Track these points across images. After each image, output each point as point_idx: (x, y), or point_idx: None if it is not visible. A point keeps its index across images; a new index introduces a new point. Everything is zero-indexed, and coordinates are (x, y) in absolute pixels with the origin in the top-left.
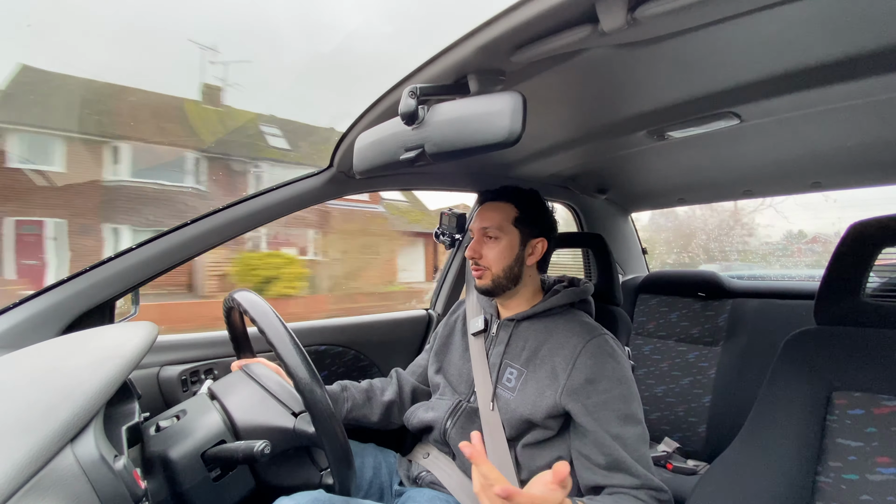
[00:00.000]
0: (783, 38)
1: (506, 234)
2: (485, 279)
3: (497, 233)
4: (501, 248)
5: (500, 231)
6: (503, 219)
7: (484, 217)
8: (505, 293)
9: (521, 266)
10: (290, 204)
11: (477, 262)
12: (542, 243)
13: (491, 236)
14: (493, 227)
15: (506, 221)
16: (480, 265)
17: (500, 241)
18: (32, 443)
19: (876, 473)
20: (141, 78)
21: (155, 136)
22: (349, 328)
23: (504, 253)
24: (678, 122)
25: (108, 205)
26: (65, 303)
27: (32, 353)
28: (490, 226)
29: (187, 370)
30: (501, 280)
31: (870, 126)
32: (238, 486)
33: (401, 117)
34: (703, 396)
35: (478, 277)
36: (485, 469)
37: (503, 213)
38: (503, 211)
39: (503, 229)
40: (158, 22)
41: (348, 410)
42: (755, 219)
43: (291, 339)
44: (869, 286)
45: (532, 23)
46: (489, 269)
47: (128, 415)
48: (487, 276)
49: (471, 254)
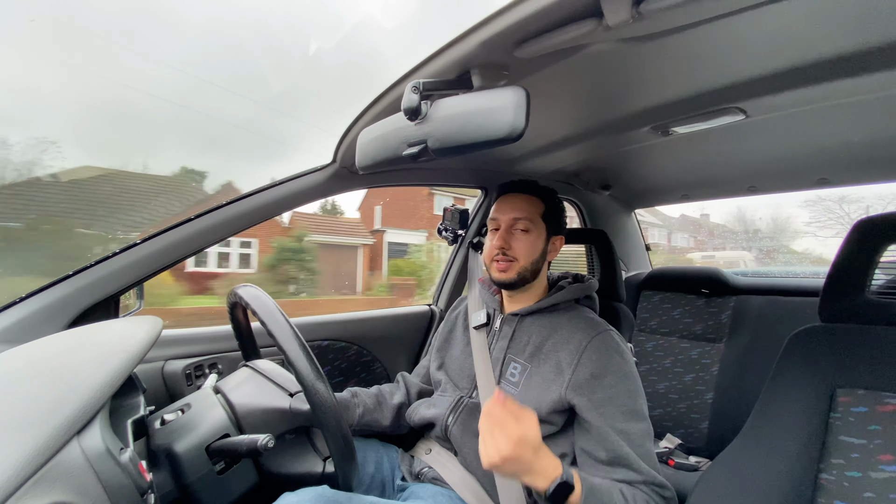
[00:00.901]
0: (789, 33)
1: (536, 227)
2: (510, 272)
3: (529, 224)
4: (532, 241)
5: (531, 223)
6: (535, 212)
7: (516, 208)
8: (522, 287)
9: (543, 261)
10: (293, 199)
11: (505, 253)
12: (561, 241)
13: (523, 228)
14: (526, 219)
15: (536, 215)
16: (508, 256)
17: (531, 234)
18: (39, 435)
19: (879, 471)
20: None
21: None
22: (352, 323)
23: (534, 245)
24: (683, 118)
25: None
26: (70, 297)
27: (39, 347)
28: (523, 217)
29: (192, 364)
30: (527, 273)
31: (877, 122)
32: (242, 480)
33: (404, 112)
34: (706, 393)
35: (502, 270)
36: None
37: (534, 206)
38: (534, 204)
39: (534, 222)
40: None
41: (360, 416)
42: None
43: (294, 334)
44: (874, 283)
45: (536, 17)
46: (517, 260)
47: (133, 408)
48: (514, 268)
49: (501, 243)
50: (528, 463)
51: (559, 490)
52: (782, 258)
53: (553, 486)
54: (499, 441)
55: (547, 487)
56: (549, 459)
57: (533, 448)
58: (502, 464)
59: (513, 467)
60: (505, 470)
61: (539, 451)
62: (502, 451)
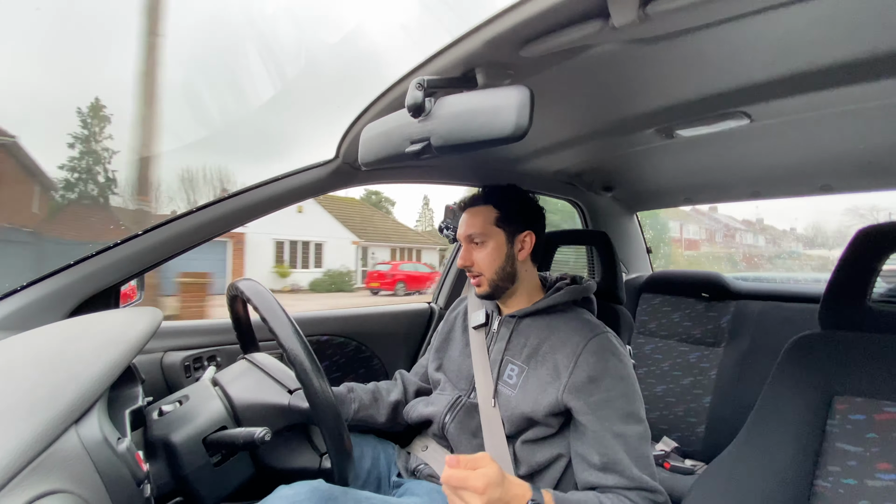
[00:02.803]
0: (796, 38)
1: (490, 236)
2: (483, 286)
3: (481, 237)
4: (489, 251)
5: (484, 235)
6: (484, 222)
7: (466, 224)
8: (505, 293)
9: (514, 263)
10: (295, 194)
11: (470, 269)
12: (530, 236)
13: (477, 242)
14: (477, 233)
15: (487, 224)
16: (474, 272)
17: (487, 245)
18: (37, 423)
19: (875, 479)
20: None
21: None
22: (351, 319)
23: (493, 255)
24: (687, 121)
25: None
26: (71, 287)
27: (38, 336)
28: (473, 232)
29: (190, 356)
30: (497, 282)
31: (883, 129)
32: (238, 472)
33: (407, 109)
34: (703, 397)
35: (476, 285)
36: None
37: (483, 217)
38: (483, 214)
39: (487, 232)
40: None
41: (355, 411)
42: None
43: (293, 328)
44: (875, 291)
45: (542, 17)
46: (483, 274)
47: (131, 399)
48: (484, 281)
49: (462, 263)
50: (502, 500)
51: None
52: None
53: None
54: (468, 497)
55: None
56: (516, 486)
57: (499, 484)
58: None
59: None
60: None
61: (505, 483)
62: (474, 500)
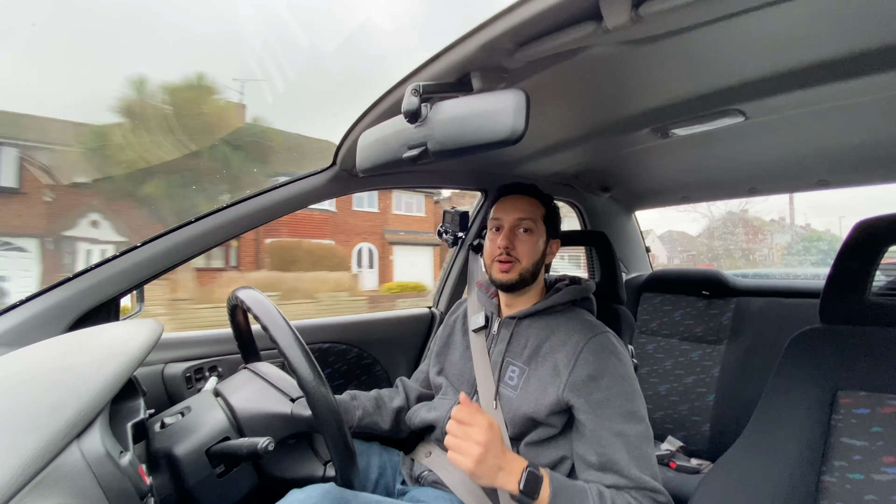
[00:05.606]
0: (788, 35)
1: (538, 228)
2: (512, 272)
3: (532, 225)
4: (535, 242)
5: (534, 224)
6: (537, 213)
7: (520, 208)
8: (522, 289)
9: (542, 264)
10: (293, 202)
11: (509, 253)
12: (558, 245)
13: (527, 229)
14: (529, 220)
15: (539, 216)
16: (512, 256)
17: (534, 235)
18: (39, 439)
19: (881, 473)
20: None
21: None
22: (352, 326)
23: (536, 247)
24: (682, 120)
25: None
26: (70, 300)
27: (38, 350)
28: (527, 217)
29: (192, 367)
30: (527, 275)
31: (876, 123)
32: (242, 482)
33: (404, 115)
34: (707, 395)
35: (504, 270)
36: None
37: (536, 209)
38: (536, 206)
39: (537, 223)
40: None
41: (360, 418)
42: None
43: (295, 336)
44: (875, 284)
45: (535, 20)
46: (519, 261)
47: (133, 411)
48: (517, 268)
49: (505, 243)
50: (499, 456)
51: (530, 478)
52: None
53: (524, 476)
54: (472, 433)
55: (518, 480)
56: (514, 457)
57: (500, 443)
58: (483, 451)
59: (489, 461)
60: (483, 468)
61: (505, 451)
62: (479, 439)
